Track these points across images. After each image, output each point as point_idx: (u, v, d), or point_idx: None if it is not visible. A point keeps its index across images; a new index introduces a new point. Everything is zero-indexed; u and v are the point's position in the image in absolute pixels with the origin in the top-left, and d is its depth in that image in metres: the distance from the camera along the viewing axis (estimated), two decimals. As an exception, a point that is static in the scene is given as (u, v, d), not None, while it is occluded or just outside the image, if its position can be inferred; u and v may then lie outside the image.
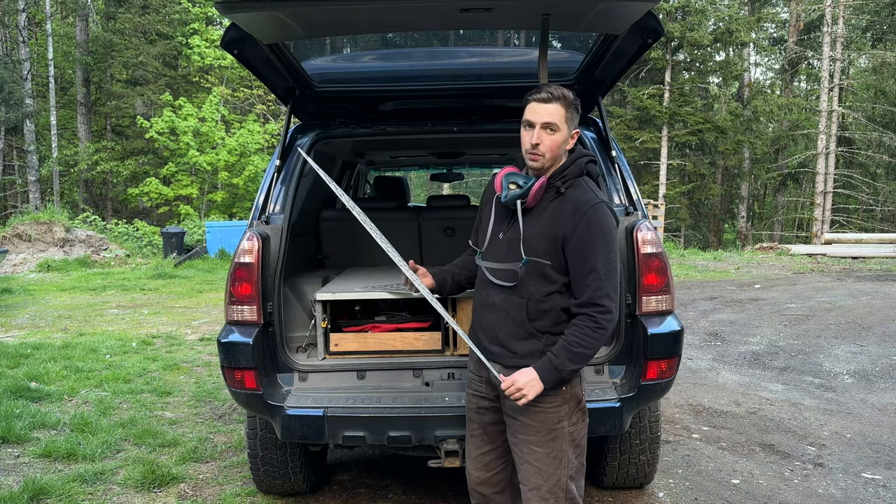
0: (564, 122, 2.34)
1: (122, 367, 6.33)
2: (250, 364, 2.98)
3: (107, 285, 12.33)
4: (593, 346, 2.30)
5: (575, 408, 2.42)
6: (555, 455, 2.39)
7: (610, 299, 2.30)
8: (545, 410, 2.38)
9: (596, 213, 2.31)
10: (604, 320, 2.29)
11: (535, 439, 2.40)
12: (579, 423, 2.45)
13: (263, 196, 3.31)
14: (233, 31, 2.67)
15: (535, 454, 2.40)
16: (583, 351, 2.29)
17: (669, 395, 5.42)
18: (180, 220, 20.17)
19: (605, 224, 2.32)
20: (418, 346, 3.22)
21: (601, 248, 2.30)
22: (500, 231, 2.48)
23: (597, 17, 2.51)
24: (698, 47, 25.33)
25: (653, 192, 25.05)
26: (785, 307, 9.79)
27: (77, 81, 26.45)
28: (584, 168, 2.41)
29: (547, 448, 2.39)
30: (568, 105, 2.33)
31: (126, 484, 3.85)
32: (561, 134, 2.34)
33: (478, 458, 2.62)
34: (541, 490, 2.40)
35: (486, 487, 2.64)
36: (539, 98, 2.33)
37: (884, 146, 26.32)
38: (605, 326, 2.30)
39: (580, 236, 2.30)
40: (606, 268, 2.30)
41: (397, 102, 3.69)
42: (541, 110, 2.32)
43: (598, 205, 2.33)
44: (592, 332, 2.29)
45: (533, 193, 2.36)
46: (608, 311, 2.30)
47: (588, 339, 2.29)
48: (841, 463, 4.21)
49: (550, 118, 2.31)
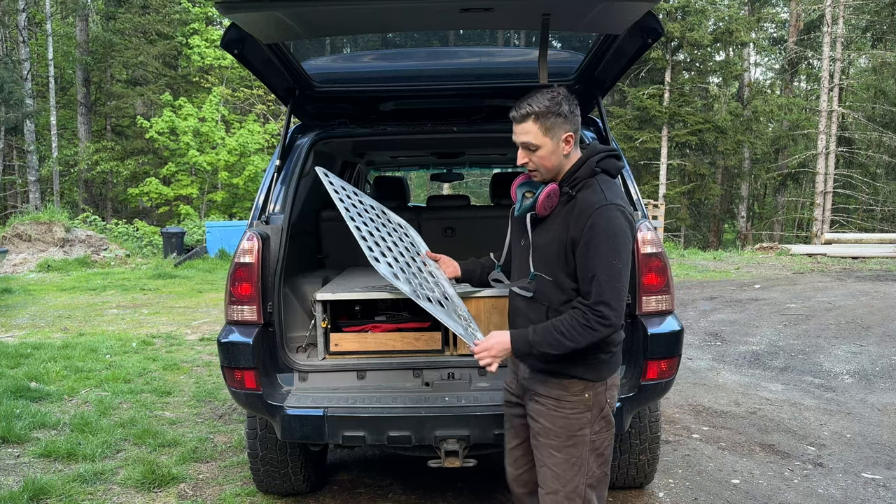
0: (542, 136, 2.26)
1: (122, 367, 6.33)
2: (250, 364, 2.98)
3: (107, 285, 12.33)
4: (576, 340, 2.20)
5: (598, 415, 2.36)
6: (574, 462, 2.34)
7: (608, 307, 2.19)
8: (567, 416, 2.33)
9: (601, 216, 2.21)
10: (597, 323, 2.20)
11: (556, 444, 2.35)
12: (603, 433, 2.38)
13: (263, 196, 3.31)
14: (233, 31, 2.67)
15: (554, 459, 2.36)
16: (562, 340, 2.21)
17: (669, 395, 5.42)
18: (180, 220, 20.18)
19: (610, 227, 2.21)
20: (418, 346, 3.22)
21: (603, 253, 2.20)
22: (518, 241, 2.49)
23: (597, 17, 2.51)
24: (698, 47, 25.34)
25: (653, 192, 25.05)
26: (785, 307, 9.79)
27: (77, 81, 26.47)
28: (594, 168, 2.32)
29: (566, 454, 2.34)
30: (540, 117, 2.24)
31: (126, 484, 3.85)
32: (544, 149, 2.28)
33: (509, 452, 2.64)
34: (557, 495, 2.36)
35: (517, 486, 2.65)
36: (512, 118, 2.29)
37: (884, 146, 26.34)
38: (596, 329, 2.20)
39: (585, 240, 2.23)
40: (608, 274, 2.20)
41: (397, 102, 3.69)
42: (518, 130, 2.29)
43: (605, 207, 2.22)
44: (581, 328, 2.20)
45: (540, 202, 2.32)
46: (604, 317, 2.19)
47: (573, 332, 2.20)
48: (841, 463, 4.20)
49: (525, 137, 2.28)
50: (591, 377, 2.32)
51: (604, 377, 2.35)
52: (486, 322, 3.18)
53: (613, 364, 2.38)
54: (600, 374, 2.34)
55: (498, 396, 2.97)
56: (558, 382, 2.34)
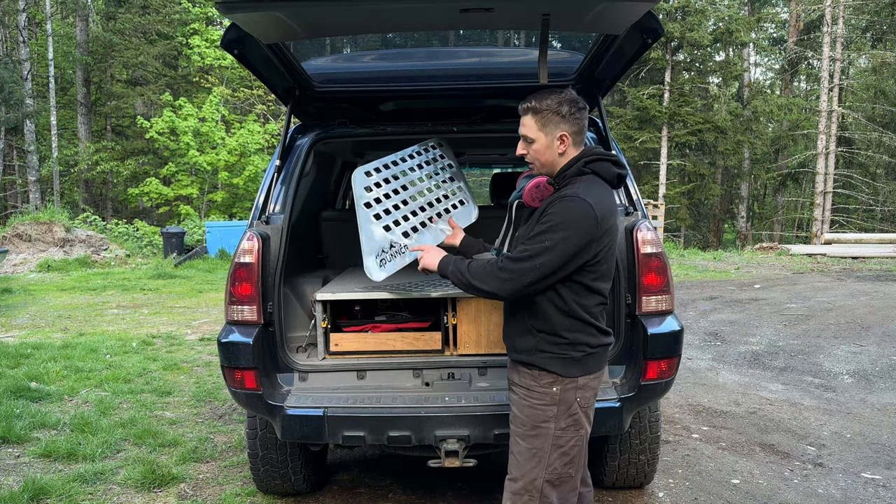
0: (538, 130, 2.40)
1: (123, 367, 6.33)
2: (250, 364, 2.98)
3: (107, 285, 12.34)
4: (479, 279, 2.36)
5: (565, 412, 2.40)
6: (535, 453, 2.41)
7: (513, 261, 2.29)
8: (533, 406, 2.41)
9: (560, 203, 2.30)
10: (500, 272, 2.31)
11: (520, 432, 2.45)
12: (569, 430, 2.41)
13: (263, 196, 3.31)
14: (233, 31, 2.67)
15: (518, 447, 2.45)
16: (466, 275, 2.39)
17: (669, 395, 5.42)
18: (180, 220, 20.18)
19: (561, 212, 2.28)
20: (418, 346, 3.23)
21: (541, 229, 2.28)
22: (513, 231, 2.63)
23: (597, 17, 2.51)
24: (698, 47, 25.34)
25: (653, 192, 25.06)
26: (785, 307, 9.79)
27: (77, 81, 26.46)
28: (582, 168, 2.40)
29: (529, 443, 2.42)
30: (539, 112, 2.38)
31: (126, 484, 3.85)
32: (539, 143, 2.41)
33: None
34: (516, 483, 2.44)
35: None
36: (519, 110, 2.45)
37: (884, 146, 26.34)
38: (498, 277, 2.31)
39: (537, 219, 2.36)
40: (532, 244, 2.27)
41: (397, 102, 3.69)
42: (521, 122, 2.45)
43: (569, 198, 2.30)
44: (487, 272, 2.35)
45: (526, 192, 2.45)
46: (504, 270, 2.30)
47: (480, 272, 2.37)
48: (841, 463, 4.21)
49: (524, 130, 2.44)
50: (560, 372, 2.39)
51: (573, 375, 2.39)
52: (487, 322, 3.19)
53: (586, 365, 2.41)
54: (569, 371, 2.39)
55: (498, 396, 2.98)
56: (530, 373, 2.43)
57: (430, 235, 3.14)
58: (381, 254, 2.98)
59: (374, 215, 3.05)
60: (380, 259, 2.97)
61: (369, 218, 3.03)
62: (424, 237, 3.13)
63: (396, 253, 3.02)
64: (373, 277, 2.94)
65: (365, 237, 2.98)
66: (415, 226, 3.14)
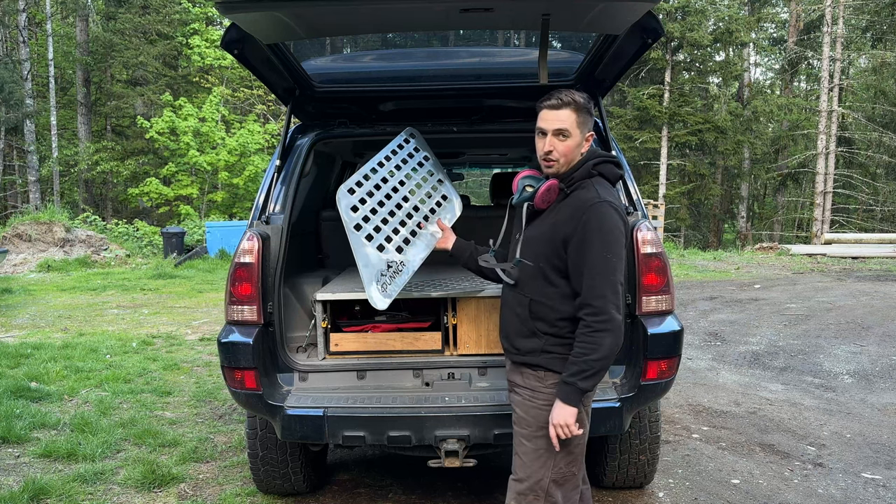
0: (576, 126, 2.36)
1: (123, 367, 6.33)
2: (250, 364, 2.98)
3: (107, 285, 12.34)
4: (595, 351, 2.23)
5: None
6: (541, 454, 2.40)
7: (604, 299, 2.23)
8: (539, 407, 2.40)
9: (595, 212, 2.29)
10: (595, 322, 2.23)
11: (526, 433, 2.43)
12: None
13: (263, 196, 3.31)
14: (233, 32, 2.67)
15: (524, 447, 2.44)
16: (586, 359, 2.24)
17: (669, 395, 5.42)
18: (180, 220, 20.19)
19: (604, 223, 2.28)
20: (418, 346, 3.23)
21: (597, 247, 2.27)
22: (514, 232, 2.57)
23: (597, 17, 2.51)
24: (698, 47, 25.35)
25: (653, 192, 25.07)
26: (785, 307, 9.79)
27: (77, 81, 26.47)
28: (591, 170, 2.41)
29: (535, 444, 2.41)
30: (579, 109, 2.34)
31: (126, 484, 3.85)
32: (573, 139, 2.37)
33: None
34: (522, 484, 2.43)
35: None
36: (549, 105, 2.36)
37: (884, 146, 26.35)
38: (597, 329, 2.23)
39: (579, 236, 2.29)
40: (601, 267, 2.25)
41: (397, 102, 3.69)
42: (552, 117, 2.36)
43: (598, 203, 2.30)
44: (587, 336, 2.24)
45: (539, 195, 2.40)
46: (600, 311, 2.23)
47: (587, 346, 2.24)
48: (841, 463, 4.21)
49: (561, 124, 2.35)
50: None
51: None
52: (487, 322, 3.19)
53: None
54: None
55: (498, 396, 2.98)
56: (534, 374, 2.42)
57: (423, 243, 3.09)
58: (381, 278, 2.94)
59: (365, 237, 2.98)
60: (381, 284, 2.93)
61: (361, 241, 2.96)
62: (417, 246, 3.08)
63: (395, 273, 2.98)
64: (378, 307, 2.90)
65: (361, 263, 2.92)
66: (406, 238, 3.07)
